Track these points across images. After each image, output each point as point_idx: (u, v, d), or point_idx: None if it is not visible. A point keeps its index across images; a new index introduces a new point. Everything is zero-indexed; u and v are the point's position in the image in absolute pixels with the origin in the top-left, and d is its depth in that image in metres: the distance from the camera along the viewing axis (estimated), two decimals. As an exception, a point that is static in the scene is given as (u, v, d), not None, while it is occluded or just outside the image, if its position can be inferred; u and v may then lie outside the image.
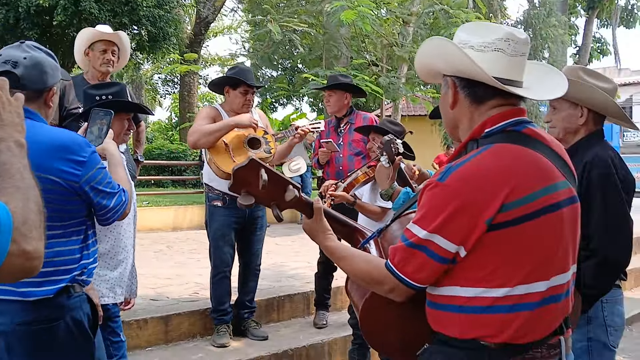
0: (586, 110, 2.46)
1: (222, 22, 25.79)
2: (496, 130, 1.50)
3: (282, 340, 4.17)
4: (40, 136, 1.93)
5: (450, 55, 1.53)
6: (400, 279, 1.47)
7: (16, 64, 1.94)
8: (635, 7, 21.68)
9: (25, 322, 1.93)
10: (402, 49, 8.89)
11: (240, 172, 1.56)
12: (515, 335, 1.42)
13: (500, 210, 1.39)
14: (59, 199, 1.97)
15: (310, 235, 1.73)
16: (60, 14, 11.55)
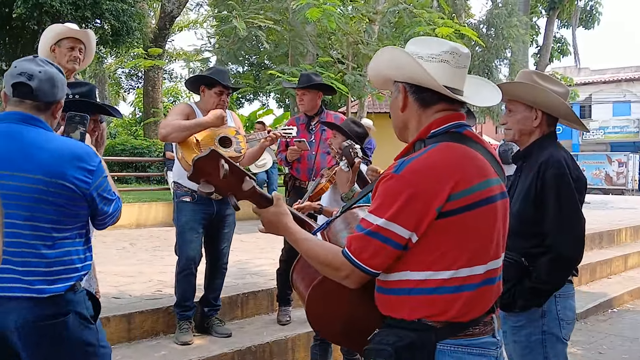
0: (540, 112, 2.56)
1: (188, 17, 25.55)
2: (441, 131, 1.68)
3: (246, 337, 4.19)
4: (53, 144, 2.10)
5: (403, 64, 1.70)
6: (356, 265, 1.60)
7: (31, 77, 2.08)
8: (593, 9, 22.24)
9: (39, 318, 2.06)
10: (367, 46, 8.97)
11: (200, 161, 1.62)
12: (457, 314, 1.58)
13: (448, 199, 1.55)
14: (70, 203, 2.12)
15: (273, 220, 1.77)
16: (20, 7, 11.30)
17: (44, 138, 2.11)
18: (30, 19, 11.77)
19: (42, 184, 2.05)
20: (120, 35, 12.80)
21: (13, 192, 2.03)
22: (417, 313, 1.59)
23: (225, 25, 9.71)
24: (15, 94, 2.10)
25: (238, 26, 7.77)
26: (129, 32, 12.91)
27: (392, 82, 1.80)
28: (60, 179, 2.06)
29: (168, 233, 8.20)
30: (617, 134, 30.16)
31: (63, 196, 2.08)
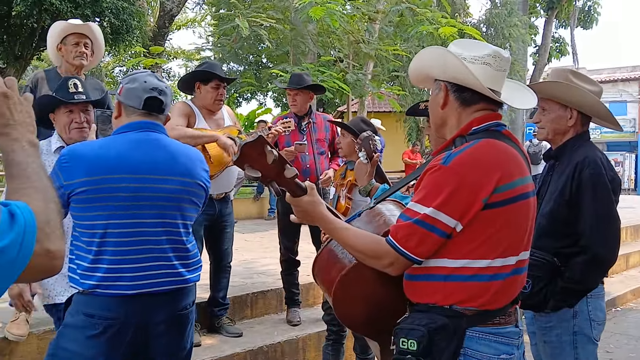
0: (575, 112, 2.54)
1: (186, 15, 25.46)
2: (481, 128, 1.76)
3: (257, 336, 4.19)
4: (184, 149, 2.36)
5: (448, 64, 1.77)
6: (402, 252, 1.66)
7: (161, 92, 2.26)
8: (592, 9, 22.29)
9: (182, 308, 2.31)
10: (368, 46, 8.95)
11: (247, 147, 1.65)
12: (487, 302, 1.67)
13: (494, 191, 1.63)
14: (200, 200, 2.41)
15: (309, 209, 1.80)
16: (20, 4, 11.22)
17: (176, 144, 2.34)
18: (30, 17, 11.69)
19: (187, 184, 2.30)
20: (119, 33, 12.72)
21: (167, 194, 2.23)
22: (450, 299, 1.67)
23: (226, 23, 9.68)
24: (148, 107, 2.23)
25: (241, 25, 7.73)
26: (128, 31, 12.82)
27: (433, 80, 1.87)
28: (197, 179, 2.34)
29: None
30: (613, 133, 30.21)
31: (198, 194, 2.37)
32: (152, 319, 2.20)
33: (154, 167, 2.21)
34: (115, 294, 2.13)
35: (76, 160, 2.14)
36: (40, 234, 1.06)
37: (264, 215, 10.60)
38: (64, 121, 2.85)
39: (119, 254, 2.14)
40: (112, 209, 2.14)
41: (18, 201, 1.07)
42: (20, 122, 1.20)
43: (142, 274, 2.16)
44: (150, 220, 2.20)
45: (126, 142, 2.21)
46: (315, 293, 5.08)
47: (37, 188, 1.14)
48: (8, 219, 1.01)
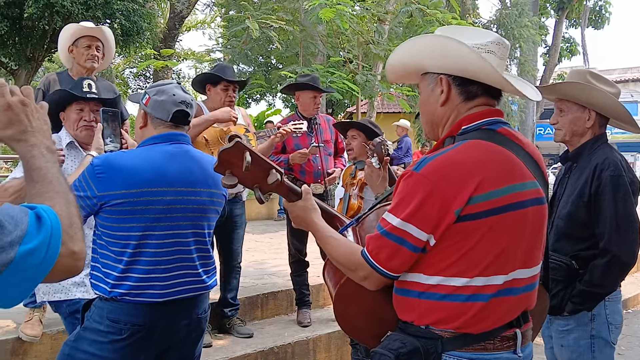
0: (594, 113, 2.51)
1: (196, 17, 25.55)
2: (472, 128, 1.58)
3: (267, 337, 4.20)
4: (210, 160, 2.37)
5: (454, 54, 1.56)
6: (373, 266, 1.53)
7: (188, 105, 2.31)
8: (603, 9, 22.12)
9: (202, 312, 2.37)
10: (378, 46, 8.95)
11: (225, 153, 1.61)
12: (466, 324, 1.48)
13: (469, 202, 1.44)
14: (221, 208, 2.45)
15: (301, 214, 1.75)
16: (31, 7, 11.30)
17: (202, 155, 2.39)
18: (41, 19, 11.79)
19: (214, 195, 2.36)
20: (130, 35, 12.79)
21: (198, 206, 2.29)
22: (425, 319, 1.52)
23: (236, 25, 9.71)
24: (176, 120, 2.28)
25: (251, 26, 7.76)
26: (139, 32, 12.90)
27: (421, 75, 1.68)
28: (221, 189, 2.38)
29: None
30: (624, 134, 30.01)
31: (221, 203, 2.43)
32: (175, 324, 2.25)
33: (187, 179, 2.26)
34: (144, 301, 2.16)
35: (113, 171, 2.13)
36: (65, 235, 1.09)
37: (274, 216, 10.62)
38: (74, 118, 2.87)
39: (152, 263, 2.17)
40: (148, 221, 2.16)
41: (43, 204, 1.10)
42: (38, 129, 1.24)
43: (171, 282, 2.21)
44: (183, 231, 2.25)
45: (161, 154, 2.24)
46: (325, 294, 5.09)
47: (59, 192, 1.18)
48: (35, 221, 1.05)
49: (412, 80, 1.76)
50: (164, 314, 2.21)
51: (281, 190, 1.73)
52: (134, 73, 26.54)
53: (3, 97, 1.21)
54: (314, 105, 4.58)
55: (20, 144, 1.21)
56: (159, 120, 2.28)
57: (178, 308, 2.24)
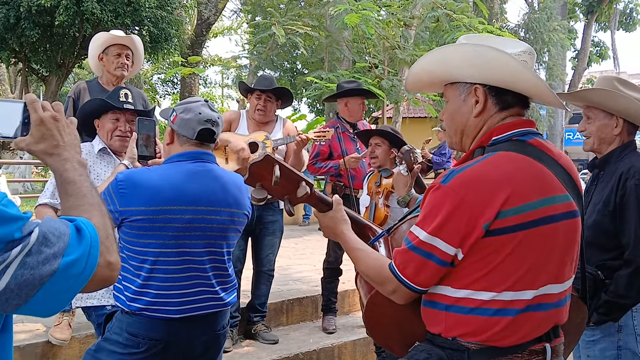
0: (622, 120, 2.48)
1: (223, 23, 25.80)
2: (503, 139, 1.54)
3: (292, 343, 4.20)
4: (233, 179, 2.40)
5: (495, 63, 1.52)
6: (401, 280, 1.52)
7: (214, 123, 2.30)
8: (634, 11, 21.77)
9: (220, 328, 2.38)
10: (403, 52, 8.91)
11: (255, 166, 1.62)
12: (493, 338, 1.46)
13: (497, 216, 1.42)
14: (242, 227, 2.45)
15: (330, 225, 1.75)
16: (62, 14, 11.55)
17: (226, 174, 2.40)
18: (72, 27, 12.04)
19: (235, 215, 2.36)
20: (158, 42, 13.00)
21: (217, 225, 2.30)
22: (453, 331, 1.50)
23: (262, 31, 9.76)
24: (200, 138, 2.28)
25: (277, 33, 7.80)
26: (167, 39, 13.10)
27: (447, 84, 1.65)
28: (244, 209, 2.41)
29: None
30: None
31: (242, 222, 2.43)
32: (193, 340, 2.27)
33: (208, 199, 2.26)
34: (161, 317, 2.19)
35: (135, 188, 2.17)
36: (102, 247, 1.13)
37: (299, 221, 10.63)
38: (109, 127, 2.91)
39: (168, 280, 2.20)
40: (165, 239, 2.19)
41: (81, 217, 1.14)
42: (69, 143, 1.28)
43: (187, 300, 2.23)
44: (199, 249, 2.26)
45: (183, 172, 2.25)
46: (351, 301, 5.07)
47: (93, 204, 1.22)
48: (76, 234, 1.08)
49: (433, 89, 1.73)
50: (181, 330, 2.22)
51: (311, 201, 1.74)
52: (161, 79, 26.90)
53: (35, 112, 1.24)
54: (362, 111, 4.65)
55: (53, 158, 1.25)
56: (185, 138, 2.29)
57: (195, 324, 2.26)
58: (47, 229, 1.04)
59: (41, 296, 1.02)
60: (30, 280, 1.00)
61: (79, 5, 11.52)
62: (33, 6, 11.64)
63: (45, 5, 11.54)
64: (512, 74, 1.52)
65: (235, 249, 4.07)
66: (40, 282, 1.01)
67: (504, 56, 1.51)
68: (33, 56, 14.29)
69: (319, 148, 4.45)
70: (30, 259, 1.00)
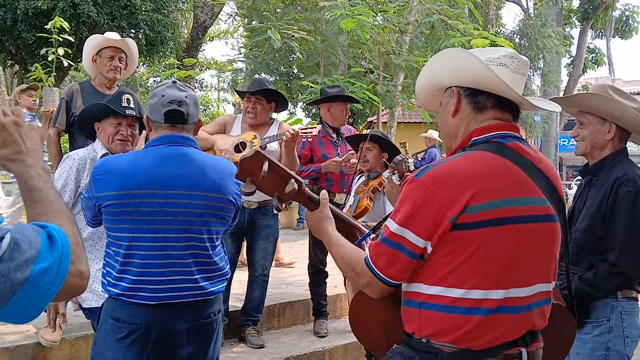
0: (614, 126, 2.50)
1: (219, 27, 25.80)
2: (482, 140, 1.60)
3: (283, 347, 4.20)
4: (215, 163, 2.35)
5: (467, 66, 1.60)
6: (374, 273, 1.54)
7: (181, 103, 2.26)
8: (630, 18, 21.85)
9: (205, 317, 2.34)
10: (399, 57, 8.94)
11: (245, 162, 1.66)
12: (464, 337, 1.47)
13: (464, 210, 1.45)
14: (229, 215, 2.40)
15: (315, 223, 1.78)
16: (59, 17, 11.53)
17: (206, 157, 2.36)
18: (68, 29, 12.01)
19: (215, 200, 2.30)
20: (154, 45, 12.98)
21: (192, 210, 2.25)
22: (425, 330, 1.52)
23: (258, 35, 9.78)
24: (169, 120, 2.26)
25: (273, 37, 7.82)
26: (163, 42, 13.08)
27: (442, 92, 1.73)
28: (226, 194, 2.34)
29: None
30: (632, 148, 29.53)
31: (227, 209, 2.37)
32: (174, 328, 2.25)
33: (180, 182, 2.24)
34: (138, 302, 2.21)
35: (108, 174, 2.21)
36: (73, 255, 1.11)
37: (293, 225, 10.63)
38: (110, 132, 2.94)
39: (143, 266, 2.21)
40: (137, 223, 2.20)
41: (52, 224, 1.12)
42: (32, 149, 1.25)
43: (164, 287, 2.22)
44: (175, 235, 2.24)
45: (155, 156, 2.26)
46: (343, 305, 5.07)
47: (61, 212, 1.19)
48: (47, 241, 1.06)
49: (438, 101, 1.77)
50: (161, 316, 2.22)
51: (301, 199, 1.76)
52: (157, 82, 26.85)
53: None
54: (345, 116, 4.65)
55: (16, 164, 1.22)
56: (157, 124, 2.30)
57: (174, 312, 2.25)
58: (18, 235, 1.02)
59: (13, 304, 1.00)
60: (2, 287, 0.98)
61: (75, 8, 11.52)
62: (30, 9, 11.64)
63: (41, 8, 11.54)
64: (476, 74, 1.58)
65: None
66: (12, 290, 0.99)
67: (470, 58, 1.59)
68: (29, 58, 14.27)
69: (300, 151, 4.43)
70: (2, 265, 0.97)
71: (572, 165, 30.62)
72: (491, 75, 1.55)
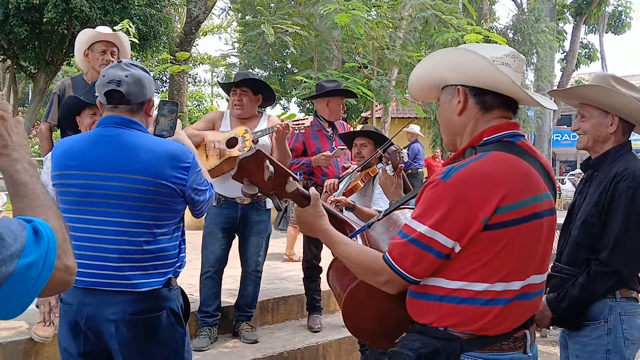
0: (617, 118, 2.41)
1: (212, 22, 25.73)
2: (493, 139, 1.64)
3: (277, 342, 4.20)
4: (152, 145, 2.21)
5: (472, 65, 1.64)
6: (398, 272, 1.57)
7: (120, 83, 2.17)
8: (622, 14, 21.90)
9: (135, 312, 2.16)
10: (393, 52, 8.93)
11: (245, 161, 1.61)
12: (484, 327, 1.56)
13: (495, 212, 1.51)
14: (170, 201, 2.23)
15: (309, 221, 1.75)
16: (51, 11, 11.48)
17: (142, 140, 2.23)
18: (60, 24, 11.97)
19: (145, 184, 2.16)
20: (147, 39, 12.94)
21: (118, 193, 2.15)
22: (445, 321, 1.58)
23: (251, 30, 9.76)
24: (109, 101, 2.20)
25: (266, 31, 7.79)
26: (155, 37, 13.06)
27: (441, 88, 1.75)
28: (161, 178, 2.17)
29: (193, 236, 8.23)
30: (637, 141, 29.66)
31: (164, 194, 2.20)
32: (101, 317, 2.16)
33: (103, 164, 2.17)
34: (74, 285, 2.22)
35: (54, 156, 2.28)
36: (59, 250, 1.09)
37: (287, 220, 10.63)
38: (87, 122, 2.99)
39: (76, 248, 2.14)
40: (68, 204, 2.20)
41: (38, 218, 1.10)
42: (18, 143, 1.24)
43: (90, 271, 2.14)
44: (101, 217, 2.16)
45: (87, 138, 2.27)
46: (336, 300, 5.08)
47: (47, 206, 1.18)
48: (33, 235, 1.05)
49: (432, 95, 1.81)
50: (88, 300, 2.16)
51: (297, 198, 1.73)
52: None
53: None
54: (341, 110, 4.66)
55: (1, 159, 1.21)
56: (103, 105, 2.28)
57: (101, 299, 2.15)
58: (3, 229, 1.01)
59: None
60: None
61: (67, 2, 11.47)
62: (22, 3, 11.58)
63: (33, 3, 11.48)
64: (486, 74, 1.62)
65: (217, 248, 4.08)
66: None
67: (480, 59, 1.62)
68: (21, 53, 14.20)
69: (293, 144, 4.41)
70: None
71: (566, 160, 30.74)
72: (504, 78, 1.60)
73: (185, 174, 2.23)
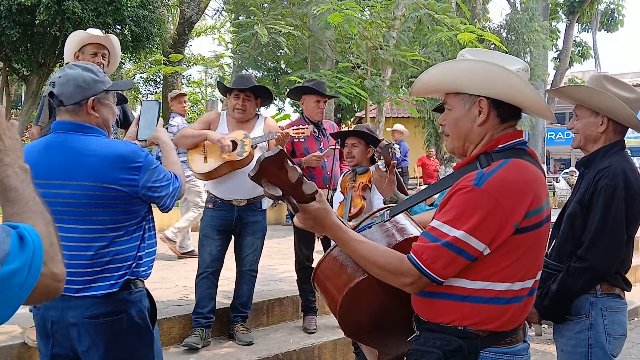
0: (606, 119, 2.46)
1: (205, 22, 25.68)
2: (507, 146, 1.71)
3: (272, 344, 4.19)
4: (97, 149, 2.15)
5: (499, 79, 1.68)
6: (426, 274, 1.60)
7: (54, 84, 2.16)
8: (615, 12, 21.99)
9: (94, 316, 2.14)
10: (386, 52, 8.93)
11: (267, 162, 1.54)
12: (503, 324, 1.64)
13: (525, 216, 1.59)
14: (123, 203, 2.18)
15: (317, 217, 1.67)
16: (43, 13, 11.40)
17: (88, 144, 2.17)
18: (52, 26, 11.88)
19: (92, 189, 2.12)
20: (140, 41, 12.87)
21: (67, 200, 2.12)
22: (466, 320, 1.63)
23: (245, 31, 9.74)
24: (53, 103, 2.20)
25: (260, 32, 7.78)
26: (149, 38, 12.97)
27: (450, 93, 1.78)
28: (108, 182, 2.12)
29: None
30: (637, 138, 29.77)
31: (115, 197, 2.14)
32: (64, 320, 2.16)
33: (52, 172, 2.13)
34: None
35: None
36: (46, 256, 1.07)
37: (282, 221, 10.62)
38: None
39: None
40: None
41: (24, 224, 1.08)
42: (11, 148, 1.21)
43: None
44: None
45: (40, 146, 2.23)
46: (332, 300, 5.06)
47: (36, 212, 1.16)
48: (18, 241, 1.03)
49: (436, 95, 1.88)
50: (51, 304, 2.15)
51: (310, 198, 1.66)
52: (144, 78, 26.68)
53: None
54: (318, 110, 4.59)
55: None
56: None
57: (62, 303, 2.13)
58: None
59: None
60: None
61: (59, 4, 11.37)
62: (13, 5, 11.48)
63: (25, 4, 11.38)
64: (515, 89, 1.68)
65: (213, 249, 4.08)
66: None
67: (507, 73, 1.67)
68: (14, 55, 14.10)
69: None
70: None
71: (560, 159, 30.85)
72: (530, 93, 1.66)
73: (136, 174, 2.17)
